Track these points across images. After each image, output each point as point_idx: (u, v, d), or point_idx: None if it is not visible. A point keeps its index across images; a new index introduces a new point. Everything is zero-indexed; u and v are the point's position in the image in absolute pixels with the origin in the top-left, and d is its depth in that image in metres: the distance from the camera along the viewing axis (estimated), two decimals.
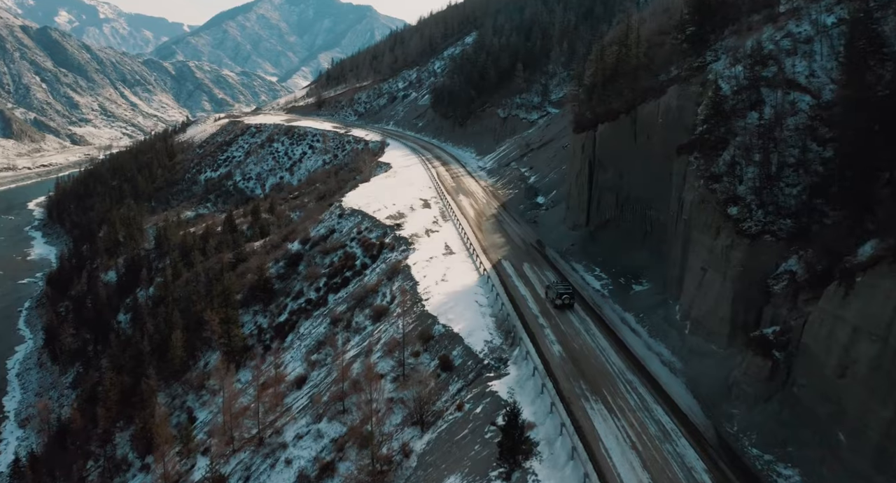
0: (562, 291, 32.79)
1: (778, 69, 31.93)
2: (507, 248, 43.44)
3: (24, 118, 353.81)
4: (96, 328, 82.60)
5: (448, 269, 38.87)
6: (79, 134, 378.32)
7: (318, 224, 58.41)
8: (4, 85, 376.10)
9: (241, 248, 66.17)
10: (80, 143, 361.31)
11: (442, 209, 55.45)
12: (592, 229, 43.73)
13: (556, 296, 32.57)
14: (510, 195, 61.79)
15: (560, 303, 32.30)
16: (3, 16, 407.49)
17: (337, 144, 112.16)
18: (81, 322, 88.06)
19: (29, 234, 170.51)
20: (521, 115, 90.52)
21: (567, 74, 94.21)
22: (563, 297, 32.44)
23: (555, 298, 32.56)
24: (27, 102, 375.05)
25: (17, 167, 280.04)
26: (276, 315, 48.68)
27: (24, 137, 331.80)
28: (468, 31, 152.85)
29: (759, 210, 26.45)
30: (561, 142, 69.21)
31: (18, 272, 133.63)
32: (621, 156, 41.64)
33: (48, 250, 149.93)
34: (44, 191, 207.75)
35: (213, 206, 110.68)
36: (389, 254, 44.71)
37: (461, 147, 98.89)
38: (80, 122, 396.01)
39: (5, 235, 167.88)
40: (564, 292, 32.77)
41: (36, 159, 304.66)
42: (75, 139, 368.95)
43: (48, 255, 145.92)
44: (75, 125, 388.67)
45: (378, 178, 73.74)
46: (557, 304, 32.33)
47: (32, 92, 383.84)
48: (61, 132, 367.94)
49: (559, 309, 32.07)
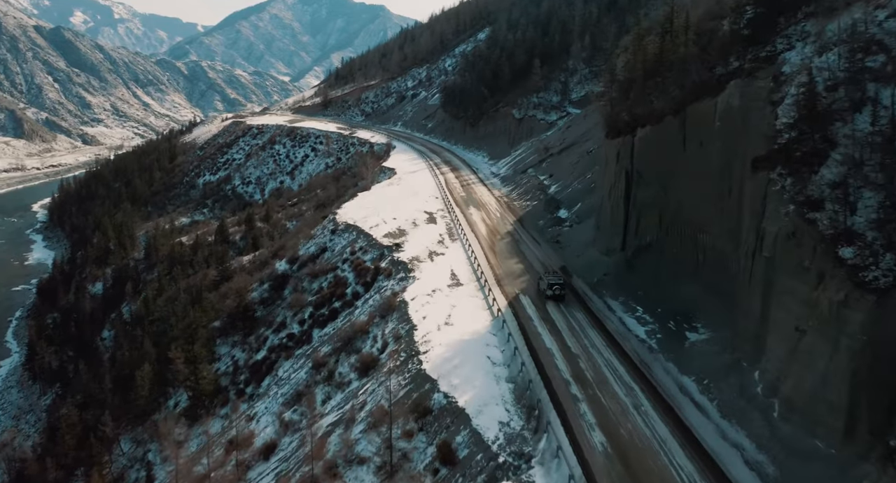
0: (553, 282, 32.36)
1: (888, 58, 24.22)
2: (527, 278, 36.03)
3: (36, 118, 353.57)
4: (78, 346, 76.77)
5: (454, 307, 31.61)
6: (90, 134, 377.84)
7: (309, 240, 51.46)
8: (17, 85, 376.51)
9: (227, 264, 59.51)
10: (92, 143, 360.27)
11: (449, 225, 48.18)
12: (630, 255, 36.17)
13: (546, 287, 32.29)
14: (528, 208, 54.32)
15: (551, 294, 32.07)
16: (16, 16, 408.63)
17: (341, 147, 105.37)
18: (66, 338, 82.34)
19: (30, 238, 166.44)
20: (539, 116, 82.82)
21: (589, 71, 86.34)
22: (555, 288, 32.15)
23: (546, 290, 32.29)
24: (39, 102, 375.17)
25: (26, 167, 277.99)
26: (254, 349, 41.83)
27: (34, 137, 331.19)
28: (481, 27, 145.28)
29: (889, 253, 18.86)
30: (585, 146, 61.58)
31: (14, 278, 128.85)
32: (666, 166, 34.06)
33: (47, 255, 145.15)
34: (50, 192, 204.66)
35: (210, 211, 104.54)
36: (385, 281, 37.58)
37: (473, 150, 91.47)
38: (91, 122, 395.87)
39: (6, 238, 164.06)
40: (555, 283, 32.32)
41: (45, 159, 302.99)
42: (87, 139, 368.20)
43: (46, 260, 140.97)
44: (87, 125, 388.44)
45: (380, 185, 66.68)
46: (548, 295, 32.07)
47: (45, 92, 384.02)
48: (73, 132, 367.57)
49: (550, 300, 31.78)
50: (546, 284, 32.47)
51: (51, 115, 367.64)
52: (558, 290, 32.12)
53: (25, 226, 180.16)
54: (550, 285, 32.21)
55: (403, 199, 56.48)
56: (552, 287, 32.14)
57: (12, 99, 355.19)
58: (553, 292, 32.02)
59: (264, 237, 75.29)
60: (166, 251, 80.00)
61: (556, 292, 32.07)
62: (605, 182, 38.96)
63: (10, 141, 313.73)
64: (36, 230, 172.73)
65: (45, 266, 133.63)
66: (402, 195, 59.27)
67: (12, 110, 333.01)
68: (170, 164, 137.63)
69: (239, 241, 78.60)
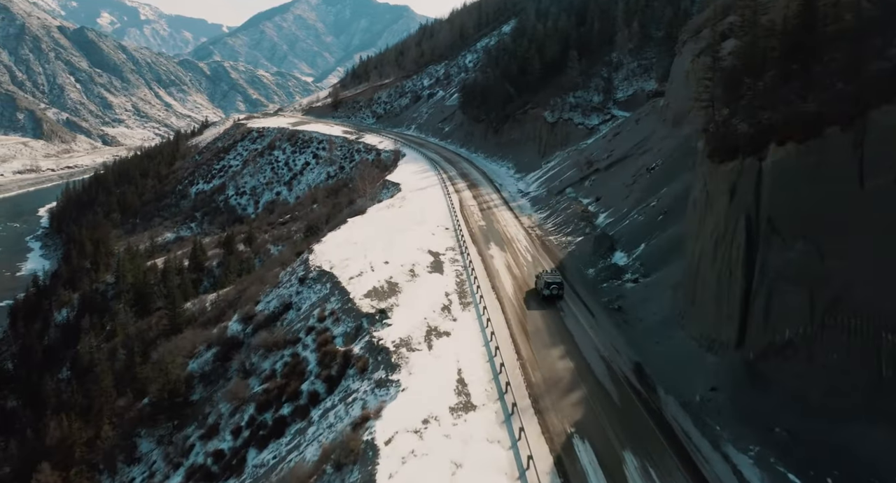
0: (550, 281, 30.29)
1: None
2: (581, 396, 21.85)
3: (57, 118, 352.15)
4: (25, 389, 65.30)
5: (458, 467, 17.77)
6: (111, 134, 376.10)
7: (272, 290, 38.21)
8: (39, 85, 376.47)
9: (180, 309, 46.75)
10: (112, 143, 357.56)
11: (460, 275, 34.38)
12: (753, 357, 21.83)
13: (543, 286, 30.32)
14: (569, 246, 40.10)
15: (548, 293, 30.05)
16: (40, 16, 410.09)
17: (345, 154, 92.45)
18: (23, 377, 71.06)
19: (28, 245, 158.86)
20: (576, 120, 68.31)
21: (637, 65, 71.51)
22: (552, 287, 30.12)
23: (542, 289, 30.35)
24: (61, 102, 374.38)
25: (41, 169, 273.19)
26: (173, 464, 28.74)
27: (54, 138, 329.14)
28: (506, 19, 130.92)
29: None
30: (641, 160, 47.02)
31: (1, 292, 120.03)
32: (825, 214, 19.83)
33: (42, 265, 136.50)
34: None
35: (198, 226, 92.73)
36: (356, 382, 24.12)
37: (495, 160, 77.41)
38: (112, 123, 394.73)
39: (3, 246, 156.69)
40: (553, 282, 30.23)
41: (62, 160, 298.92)
42: (107, 140, 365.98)
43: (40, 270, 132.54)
44: (108, 126, 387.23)
45: (379, 207, 53.20)
46: (545, 295, 30.02)
47: (66, 92, 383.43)
48: (93, 133, 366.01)
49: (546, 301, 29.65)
50: (543, 283, 30.46)
51: (72, 116, 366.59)
52: (556, 290, 30.11)
53: (27, 232, 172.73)
54: (548, 284, 30.16)
55: (404, 231, 42.85)
56: (549, 286, 30.11)
57: (33, 99, 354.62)
58: (551, 292, 30.02)
59: (244, 264, 62.68)
60: (133, 278, 67.92)
61: (554, 292, 30.06)
62: (706, 230, 24.61)
63: (29, 141, 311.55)
64: (36, 237, 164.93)
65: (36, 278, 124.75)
66: (403, 223, 45.66)
67: (32, 110, 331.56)
68: (167, 169, 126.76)
69: (216, 267, 66.17)
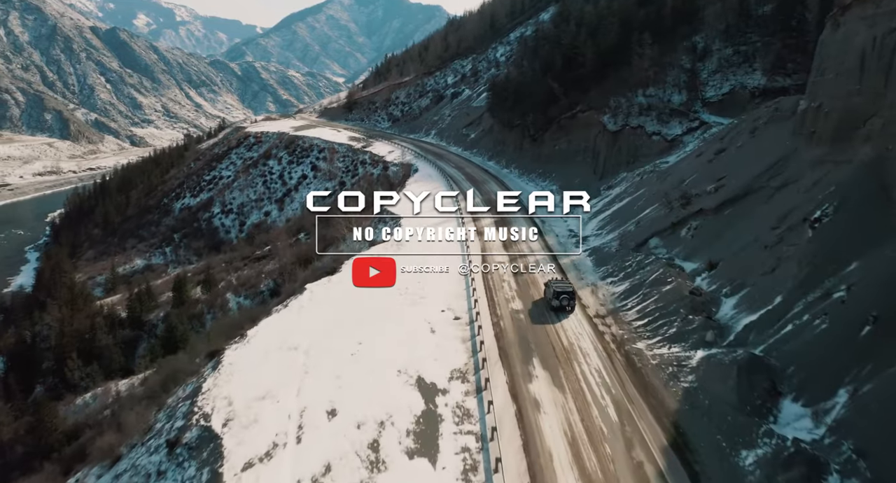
0: (559, 290, 26.68)
1: None
2: None
3: (85, 119, 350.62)
4: None
5: None
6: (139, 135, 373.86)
7: (129, 452, 21.01)
8: (70, 86, 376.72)
9: (50, 420, 30.21)
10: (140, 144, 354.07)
11: (470, 469, 16.37)
12: None
13: (553, 295, 26.71)
14: (679, 369, 21.50)
15: (557, 304, 26.53)
16: (73, 16, 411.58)
17: (347, 165, 75.83)
18: None
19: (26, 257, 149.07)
20: (650, 128, 49.40)
21: (733, 53, 52.07)
22: (562, 297, 26.70)
23: (551, 299, 26.80)
24: (90, 103, 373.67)
25: (62, 170, 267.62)
26: None
27: (81, 138, 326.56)
28: (544, 5, 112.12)
29: None
30: (784, 200, 27.78)
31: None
32: None
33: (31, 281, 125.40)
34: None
35: (172, 252, 77.47)
36: None
37: (534, 179, 59.06)
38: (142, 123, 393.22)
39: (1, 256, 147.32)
40: (563, 292, 26.66)
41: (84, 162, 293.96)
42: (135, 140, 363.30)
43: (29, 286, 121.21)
44: (137, 126, 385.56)
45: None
46: (554, 306, 26.60)
47: (97, 93, 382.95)
48: (121, 133, 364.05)
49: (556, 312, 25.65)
50: (552, 292, 26.63)
51: (101, 116, 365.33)
52: (566, 300, 26.29)
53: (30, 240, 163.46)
54: (557, 294, 26.44)
55: (384, 322, 25.12)
56: (559, 296, 26.37)
57: (63, 100, 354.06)
58: (560, 302, 26.25)
59: (193, 321, 46.27)
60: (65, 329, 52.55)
61: (564, 303, 26.25)
62: None
63: (55, 142, 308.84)
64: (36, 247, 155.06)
65: (21, 296, 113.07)
66: (388, 301, 27.87)
67: (59, 111, 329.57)
68: (159, 178, 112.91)
69: (161, 321, 50.05)
